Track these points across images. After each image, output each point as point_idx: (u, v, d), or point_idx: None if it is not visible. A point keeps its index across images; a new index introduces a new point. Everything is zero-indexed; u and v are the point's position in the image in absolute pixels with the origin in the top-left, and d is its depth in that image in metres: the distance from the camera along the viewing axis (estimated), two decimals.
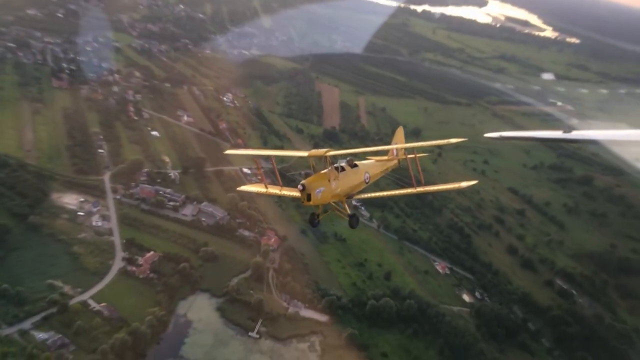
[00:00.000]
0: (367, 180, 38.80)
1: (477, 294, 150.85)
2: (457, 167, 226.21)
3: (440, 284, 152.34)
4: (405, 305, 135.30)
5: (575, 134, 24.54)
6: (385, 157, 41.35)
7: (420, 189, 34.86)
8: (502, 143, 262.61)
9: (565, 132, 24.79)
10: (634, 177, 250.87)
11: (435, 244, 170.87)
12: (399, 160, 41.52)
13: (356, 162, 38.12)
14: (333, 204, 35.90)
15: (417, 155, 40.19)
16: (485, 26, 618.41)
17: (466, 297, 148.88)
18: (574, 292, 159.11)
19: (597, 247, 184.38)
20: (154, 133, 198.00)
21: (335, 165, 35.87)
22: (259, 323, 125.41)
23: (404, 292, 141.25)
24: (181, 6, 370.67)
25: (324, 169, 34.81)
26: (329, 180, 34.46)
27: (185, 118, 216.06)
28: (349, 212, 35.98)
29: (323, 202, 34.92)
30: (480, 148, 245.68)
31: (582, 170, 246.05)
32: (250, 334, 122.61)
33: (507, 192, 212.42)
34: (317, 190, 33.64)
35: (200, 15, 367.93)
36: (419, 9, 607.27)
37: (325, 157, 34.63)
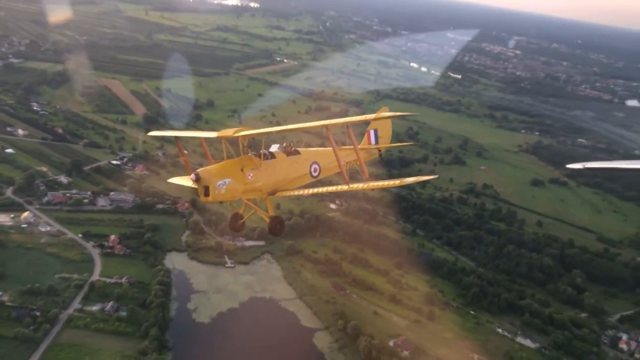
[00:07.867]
0: (315, 174, 31.13)
1: None
2: (263, 126, 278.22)
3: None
4: (305, 218, 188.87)
5: None
6: (347, 147, 31.73)
7: (354, 186, 26.01)
8: (285, 107, 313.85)
9: None
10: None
11: None
12: (379, 150, 34.32)
13: (299, 149, 31.04)
14: (248, 201, 28.19)
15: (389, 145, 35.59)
16: (182, 2, 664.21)
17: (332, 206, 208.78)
18: None
19: None
20: (9, 150, 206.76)
21: (261, 151, 28.57)
22: (226, 258, 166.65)
23: (297, 212, 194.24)
24: None
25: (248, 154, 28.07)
26: (242, 170, 27.01)
27: (20, 132, 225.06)
28: (271, 213, 28.58)
29: (230, 198, 27.31)
30: (267, 111, 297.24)
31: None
32: (226, 265, 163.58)
33: None
34: (220, 182, 26.11)
35: None
36: None
37: (237, 138, 26.88)
